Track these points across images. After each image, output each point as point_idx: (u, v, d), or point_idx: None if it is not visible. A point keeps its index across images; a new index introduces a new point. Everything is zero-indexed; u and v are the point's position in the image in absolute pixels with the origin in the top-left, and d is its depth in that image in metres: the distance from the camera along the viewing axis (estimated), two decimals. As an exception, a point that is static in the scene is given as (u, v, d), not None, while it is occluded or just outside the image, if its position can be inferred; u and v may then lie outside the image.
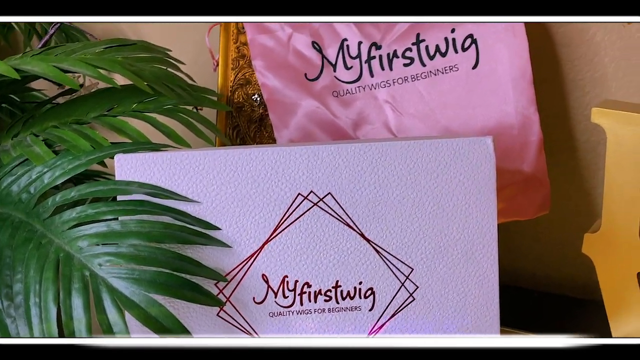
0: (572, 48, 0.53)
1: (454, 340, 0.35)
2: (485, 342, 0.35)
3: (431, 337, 0.37)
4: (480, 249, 0.38)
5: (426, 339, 0.37)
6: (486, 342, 0.35)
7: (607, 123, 0.41)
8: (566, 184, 0.55)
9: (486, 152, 0.38)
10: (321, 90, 0.49)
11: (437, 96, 0.48)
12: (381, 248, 0.38)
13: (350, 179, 0.37)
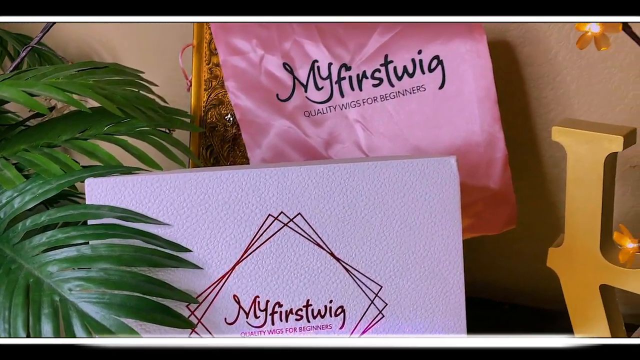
0: (535, 67, 0.55)
1: (449, 341, 0.35)
2: (483, 342, 0.34)
3: (423, 337, 0.37)
4: (446, 265, 0.39)
5: (416, 339, 0.37)
6: (484, 342, 0.34)
7: (566, 141, 0.43)
8: (533, 199, 0.57)
9: (450, 172, 0.39)
10: (293, 111, 0.49)
11: (406, 115, 0.49)
12: (350, 266, 0.38)
13: (320, 199, 0.38)
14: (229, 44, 0.50)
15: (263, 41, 0.49)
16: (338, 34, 0.49)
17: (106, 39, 0.64)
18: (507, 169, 0.49)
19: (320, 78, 0.49)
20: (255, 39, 0.50)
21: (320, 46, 0.49)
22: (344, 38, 0.49)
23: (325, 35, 0.49)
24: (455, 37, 0.48)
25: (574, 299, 0.45)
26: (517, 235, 0.55)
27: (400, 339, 0.36)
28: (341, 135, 0.50)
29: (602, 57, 0.53)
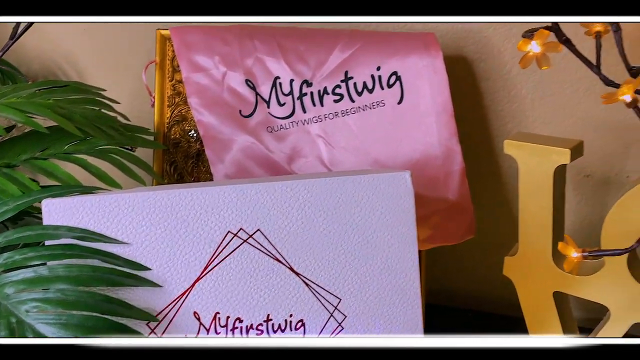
0: (491, 82, 0.57)
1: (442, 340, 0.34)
2: (481, 342, 0.35)
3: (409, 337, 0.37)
4: (403, 277, 0.40)
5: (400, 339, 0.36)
6: (482, 342, 0.34)
7: (517, 154, 0.44)
8: (493, 208, 0.58)
9: (405, 186, 0.40)
10: (256, 126, 0.50)
11: (366, 130, 0.50)
12: (310, 281, 0.39)
13: (279, 215, 0.38)
14: (191, 60, 0.50)
15: (225, 58, 0.50)
16: (299, 51, 0.50)
17: (71, 55, 0.63)
18: (465, 180, 0.50)
19: (282, 94, 0.50)
20: (217, 56, 0.50)
21: (281, 63, 0.50)
22: (305, 55, 0.50)
23: (287, 52, 0.50)
24: (413, 53, 0.50)
25: (529, 306, 0.47)
26: (479, 244, 0.57)
27: (390, 340, 0.36)
28: (304, 150, 0.50)
29: (554, 72, 0.55)
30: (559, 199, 0.44)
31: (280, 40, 0.50)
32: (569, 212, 0.60)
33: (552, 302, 0.45)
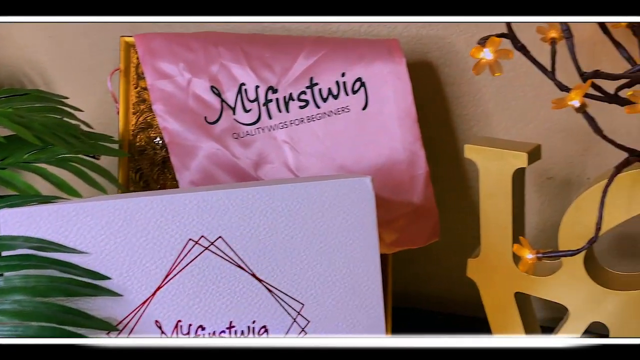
0: (456, 86, 0.57)
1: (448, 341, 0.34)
2: (479, 342, 0.34)
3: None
4: (365, 282, 0.40)
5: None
6: (480, 342, 0.34)
7: (477, 158, 0.45)
8: (458, 211, 0.59)
9: (366, 191, 0.40)
10: (221, 133, 0.50)
11: (332, 136, 0.50)
12: (272, 287, 0.39)
13: (240, 222, 0.38)
14: (155, 67, 0.50)
15: (190, 65, 0.50)
16: (264, 58, 0.50)
17: (37, 63, 0.63)
18: (429, 184, 0.51)
19: (247, 100, 0.50)
20: (182, 63, 0.50)
21: (247, 69, 0.50)
22: (270, 61, 0.50)
23: (252, 59, 0.50)
24: (377, 59, 0.50)
25: (491, 307, 0.47)
26: (444, 247, 0.57)
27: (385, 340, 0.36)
28: (270, 156, 0.50)
29: (517, 77, 0.56)
30: (518, 201, 0.45)
31: (245, 47, 0.50)
32: (533, 214, 0.61)
33: (514, 303, 0.46)
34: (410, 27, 0.56)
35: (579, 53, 0.55)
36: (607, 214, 0.40)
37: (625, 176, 0.39)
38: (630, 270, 0.58)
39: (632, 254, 0.58)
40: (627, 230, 0.58)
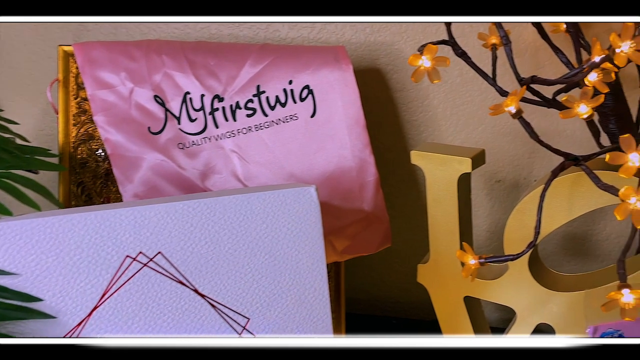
0: (405, 92, 0.57)
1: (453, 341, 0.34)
2: (478, 342, 0.34)
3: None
4: (312, 293, 0.39)
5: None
6: (479, 342, 0.34)
7: (423, 164, 0.45)
8: (410, 217, 0.59)
9: (311, 200, 0.39)
10: (166, 143, 0.48)
11: (280, 144, 0.49)
12: (216, 302, 0.38)
13: (181, 236, 0.37)
14: (96, 77, 0.48)
15: (132, 74, 0.48)
16: (209, 66, 0.49)
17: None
18: (379, 190, 0.50)
19: (193, 110, 0.49)
20: (123, 72, 0.48)
21: (191, 78, 0.48)
22: (216, 69, 0.49)
23: (197, 67, 0.49)
24: (324, 67, 0.49)
25: (442, 311, 0.47)
26: (397, 253, 0.57)
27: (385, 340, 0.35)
28: (217, 166, 0.49)
29: (463, 83, 0.56)
30: (464, 206, 0.45)
31: (190, 55, 0.49)
32: (484, 217, 0.61)
33: (464, 307, 0.46)
34: (358, 33, 0.56)
35: (522, 58, 0.56)
36: (548, 216, 0.41)
37: (565, 179, 0.40)
38: (579, 270, 0.59)
39: (580, 254, 0.59)
40: (574, 231, 0.59)
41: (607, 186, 0.33)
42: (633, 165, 0.31)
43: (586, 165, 0.34)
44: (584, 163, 0.35)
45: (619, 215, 0.31)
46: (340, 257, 0.50)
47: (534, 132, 0.36)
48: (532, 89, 0.39)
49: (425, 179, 0.45)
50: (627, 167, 0.31)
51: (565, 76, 0.36)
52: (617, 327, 0.34)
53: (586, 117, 0.34)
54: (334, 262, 0.51)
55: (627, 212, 0.31)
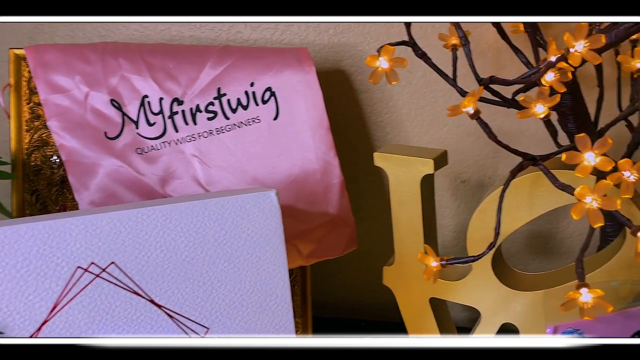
0: (370, 94, 0.57)
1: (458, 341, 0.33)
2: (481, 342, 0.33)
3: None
4: (273, 299, 0.38)
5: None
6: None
7: (386, 165, 0.44)
8: (376, 219, 0.58)
9: (271, 205, 0.38)
10: (123, 148, 0.46)
11: (243, 147, 0.48)
12: (173, 312, 0.36)
13: (135, 245, 0.35)
14: (49, 81, 0.46)
15: (87, 77, 0.46)
16: (168, 68, 0.47)
17: None
18: (345, 193, 0.50)
19: (151, 113, 0.47)
20: (78, 76, 0.46)
21: (149, 81, 0.47)
22: (175, 72, 0.47)
23: (154, 70, 0.47)
24: (286, 68, 0.48)
25: (408, 313, 0.47)
26: (363, 255, 0.56)
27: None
28: (178, 171, 0.47)
29: (427, 84, 0.56)
30: (428, 207, 0.45)
31: (147, 57, 0.47)
32: (450, 217, 0.61)
33: (429, 308, 0.46)
34: (322, 35, 0.55)
35: (485, 58, 0.56)
36: (510, 216, 0.40)
37: (525, 179, 0.40)
38: (544, 268, 0.59)
39: (544, 252, 0.60)
40: (539, 229, 0.59)
41: (564, 185, 0.33)
42: (588, 164, 0.31)
43: (544, 165, 0.34)
44: (541, 163, 0.35)
45: (575, 215, 0.30)
46: (305, 262, 0.49)
47: (492, 133, 0.35)
48: (492, 89, 0.39)
49: (388, 181, 0.44)
50: (583, 166, 0.31)
51: (522, 76, 0.36)
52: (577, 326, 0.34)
53: (543, 117, 0.34)
54: (300, 266, 0.50)
55: (583, 211, 0.30)
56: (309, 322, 0.51)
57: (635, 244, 0.32)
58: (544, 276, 0.44)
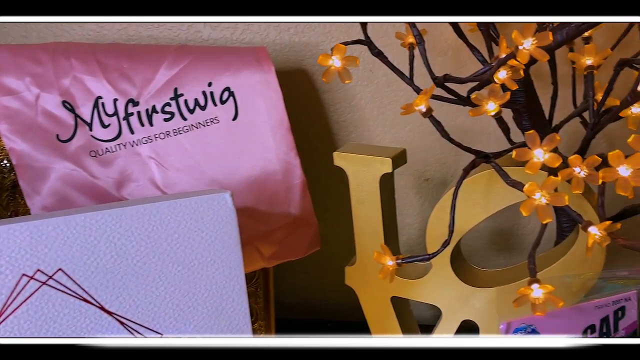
0: (332, 93, 0.56)
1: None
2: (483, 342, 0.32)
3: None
4: (230, 303, 0.37)
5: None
6: (483, 342, 0.32)
7: (345, 165, 0.43)
8: (339, 219, 0.58)
9: (226, 207, 0.37)
10: (76, 151, 0.45)
11: (201, 148, 0.47)
12: (125, 318, 0.35)
13: (83, 250, 0.34)
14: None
15: (38, 79, 0.45)
16: (122, 69, 0.46)
17: None
18: (307, 193, 0.49)
19: (105, 115, 0.46)
20: (28, 77, 0.45)
21: (103, 82, 0.45)
22: (129, 72, 0.46)
23: (108, 70, 0.46)
24: (245, 68, 0.48)
25: (370, 312, 0.46)
26: (331, 254, 0.56)
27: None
28: (134, 173, 0.46)
29: (389, 82, 0.55)
30: (388, 206, 0.44)
31: (101, 58, 0.46)
32: (415, 215, 0.61)
33: (391, 307, 0.45)
34: (282, 34, 0.54)
35: (445, 57, 0.56)
36: (466, 214, 0.40)
37: (481, 176, 0.40)
38: (507, 264, 0.60)
39: (507, 248, 0.60)
40: (501, 226, 0.60)
41: (515, 182, 0.33)
42: (538, 160, 0.31)
43: (496, 162, 0.34)
44: (494, 160, 0.35)
45: (524, 211, 0.30)
46: (267, 263, 0.48)
47: (445, 131, 0.35)
48: (448, 87, 0.39)
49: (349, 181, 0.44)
50: (532, 162, 0.31)
51: (475, 74, 0.36)
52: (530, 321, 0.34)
53: (494, 114, 0.34)
54: (262, 268, 0.50)
55: (532, 207, 0.31)
56: (272, 324, 0.51)
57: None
58: (502, 272, 0.44)
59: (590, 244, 0.31)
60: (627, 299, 0.35)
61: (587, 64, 0.37)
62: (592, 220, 0.32)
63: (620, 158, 0.30)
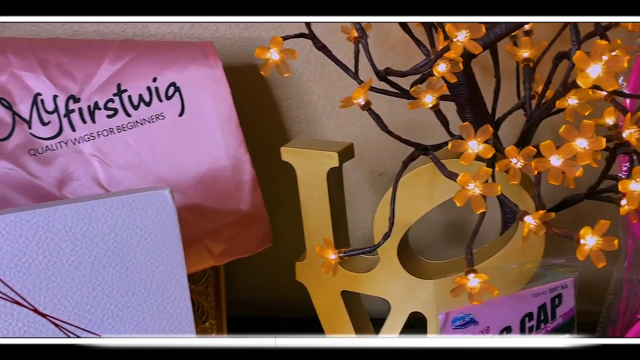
0: (284, 88, 0.56)
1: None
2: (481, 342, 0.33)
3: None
4: (172, 302, 0.36)
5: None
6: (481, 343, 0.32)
7: (293, 160, 0.43)
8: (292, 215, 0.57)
9: (165, 204, 0.36)
10: (14, 150, 0.43)
11: (147, 145, 0.46)
12: (60, 320, 0.34)
13: (14, 251, 0.33)
14: None
15: (-28, 75, 0.43)
16: (62, 64, 0.45)
17: None
18: (257, 189, 0.48)
19: (45, 112, 0.44)
20: (-39, 73, 0.43)
21: (42, 78, 0.44)
22: (70, 68, 0.45)
23: (48, 66, 0.44)
24: (191, 63, 0.47)
25: (321, 307, 0.46)
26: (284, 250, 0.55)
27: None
28: (76, 172, 0.45)
29: (340, 78, 0.55)
30: (337, 200, 0.44)
31: (40, 53, 0.44)
32: (369, 210, 0.61)
33: (341, 302, 0.45)
34: (232, 29, 0.53)
35: (395, 52, 0.56)
36: (410, 206, 0.40)
37: (425, 169, 0.40)
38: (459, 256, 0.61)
39: (460, 240, 0.61)
40: (453, 219, 0.60)
41: (451, 173, 0.33)
42: (472, 152, 0.31)
43: (434, 155, 0.34)
44: (432, 153, 0.35)
45: (458, 202, 0.31)
46: (217, 261, 0.47)
47: (383, 123, 0.35)
48: (391, 81, 0.39)
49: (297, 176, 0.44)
50: (467, 154, 0.31)
51: (415, 67, 0.36)
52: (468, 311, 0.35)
53: (432, 107, 0.34)
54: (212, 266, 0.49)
55: (466, 198, 0.31)
56: (223, 323, 0.50)
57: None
58: (448, 264, 0.44)
59: (525, 232, 0.32)
60: (564, 286, 0.35)
61: (524, 57, 0.37)
62: (528, 210, 0.33)
63: (551, 148, 0.30)
